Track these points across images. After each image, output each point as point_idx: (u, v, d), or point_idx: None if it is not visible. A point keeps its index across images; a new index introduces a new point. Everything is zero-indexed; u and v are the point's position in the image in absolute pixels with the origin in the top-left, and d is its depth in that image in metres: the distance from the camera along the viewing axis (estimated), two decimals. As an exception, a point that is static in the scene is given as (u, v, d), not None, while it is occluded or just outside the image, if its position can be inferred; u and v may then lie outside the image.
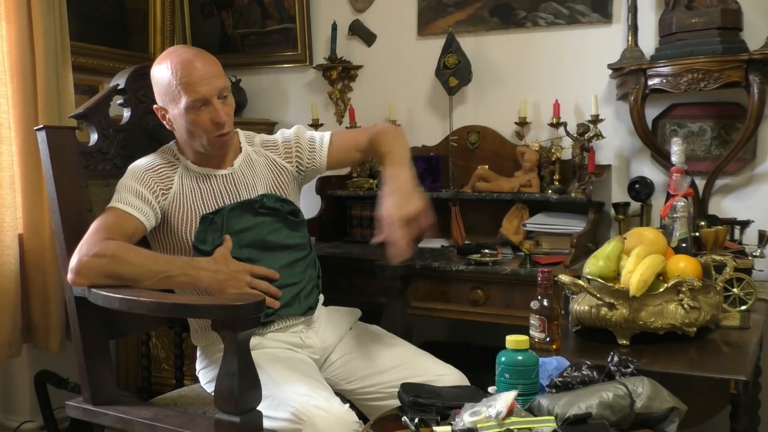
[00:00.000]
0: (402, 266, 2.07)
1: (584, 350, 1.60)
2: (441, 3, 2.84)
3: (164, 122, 1.77)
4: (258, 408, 1.45)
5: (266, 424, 1.52)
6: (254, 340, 1.72)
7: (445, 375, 1.72)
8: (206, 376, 1.80)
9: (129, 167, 1.76)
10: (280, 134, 1.93)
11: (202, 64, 1.68)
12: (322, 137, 1.92)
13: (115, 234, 1.62)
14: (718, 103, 2.45)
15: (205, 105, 1.68)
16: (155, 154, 1.81)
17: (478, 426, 1.13)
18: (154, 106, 1.76)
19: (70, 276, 1.58)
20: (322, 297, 1.97)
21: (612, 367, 1.33)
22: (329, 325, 1.87)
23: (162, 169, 1.75)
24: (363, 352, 1.82)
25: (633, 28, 2.48)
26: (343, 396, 1.78)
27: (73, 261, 1.57)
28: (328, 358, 1.84)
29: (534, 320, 1.58)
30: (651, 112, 2.50)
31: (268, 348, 1.75)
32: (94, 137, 1.80)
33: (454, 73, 2.66)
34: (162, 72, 1.70)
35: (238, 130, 1.90)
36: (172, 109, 1.71)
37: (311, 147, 1.90)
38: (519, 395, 1.20)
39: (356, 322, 1.95)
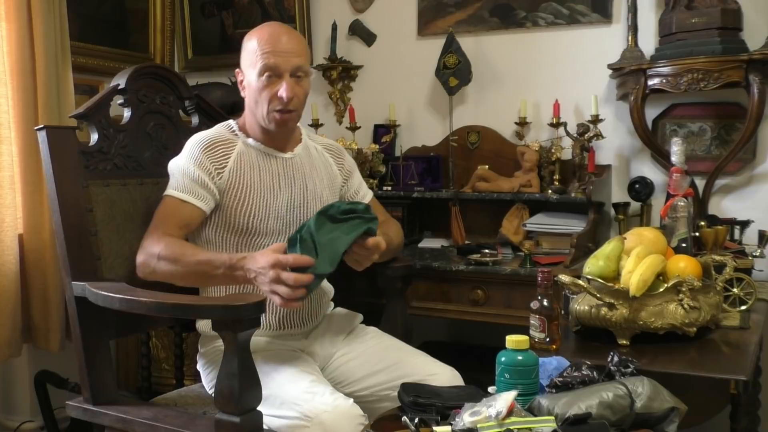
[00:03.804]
0: (402, 266, 2.07)
1: (584, 350, 1.60)
2: (441, 3, 2.84)
3: (240, 87, 1.81)
4: (260, 407, 1.45)
5: (272, 423, 1.52)
6: (255, 345, 1.73)
7: (436, 374, 1.72)
8: (208, 376, 1.80)
9: (186, 145, 1.76)
10: (345, 152, 2.01)
11: (288, 40, 1.73)
12: (366, 193, 2.02)
13: (171, 226, 1.67)
14: (718, 103, 2.45)
15: (277, 77, 1.71)
16: (213, 129, 1.81)
17: (478, 426, 1.13)
18: (236, 69, 1.82)
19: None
20: (332, 304, 1.97)
21: (612, 367, 1.33)
22: (330, 331, 1.87)
23: (218, 147, 1.75)
24: (357, 355, 1.82)
25: (633, 28, 2.48)
26: (343, 398, 1.78)
27: (137, 258, 1.65)
28: (328, 361, 1.84)
29: (534, 320, 1.58)
30: (651, 112, 2.50)
31: (270, 349, 1.75)
32: (94, 137, 1.80)
33: (454, 73, 2.66)
34: (251, 37, 1.76)
35: (303, 128, 1.93)
36: (248, 74, 1.75)
37: (357, 188, 1.99)
38: (519, 395, 1.20)
39: (356, 326, 1.95)
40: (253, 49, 1.73)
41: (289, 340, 1.79)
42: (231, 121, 1.84)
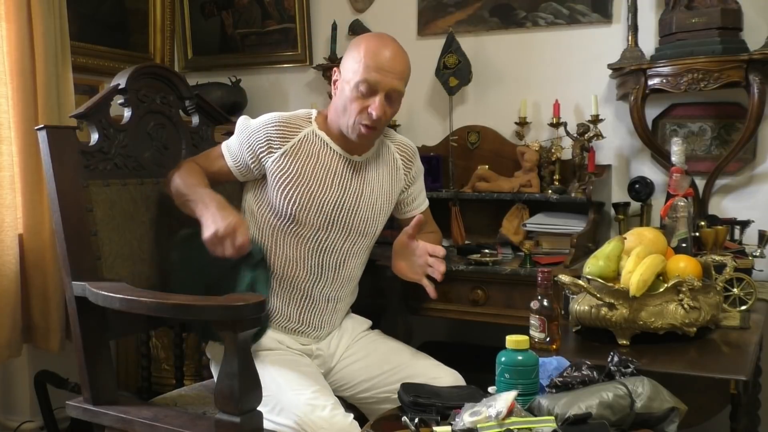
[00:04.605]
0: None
1: (584, 350, 1.60)
2: (441, 3, 2.84)
3: (332, 85, 1.81)
4: (259, 409, 1.44)
5: (268, 426, 1.52)
6: (267, 342, 1.73)
7: (439, 378, 1.72)
8: (214, 368, 1.80)
9: (262, 116, 1.80)
10: (417, 155, 1.99)
11: (394, 59, 1.72)
12: (422, 202, 2.01)
13: (203, 163, 1.83)
14: (718, 103, 2.45)
15: (371, 93, 1.70)
16: (291, 112, 1.83)
17: (478, 426, 1.13)
18: (335, 67, 1.82)
19: None
20: (350, 310, 1.97)
21: (612, 367, 1.33)
22: (339, 335, 1.87)
23: (282, 128, 1.76)
24: (359, 357, 1.82)
25: (633, 28, 2.48)
26: (345, 401, 1.78)
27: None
28: (331, 366, 1.84)
29: (534, 320, 1.58)
30: (651, 112, 2.50)
31: (279, 351, 1.75)
32: (94, 137, 1.80)
33: (454, 73, 2.66)
34: (360, 44, 1.74)
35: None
36: (345, 78, 1.74)
37: (415, 196, 1.98)
38: (519, 395, 1.20)
39: (363, 331, 1.94)
40: (358, 57, 1.71)
41: (302, 340, 1.79)
42: (313, 110, 1.85)
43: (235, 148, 1.79)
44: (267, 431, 1.51)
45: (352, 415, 1.58)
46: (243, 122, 1.81)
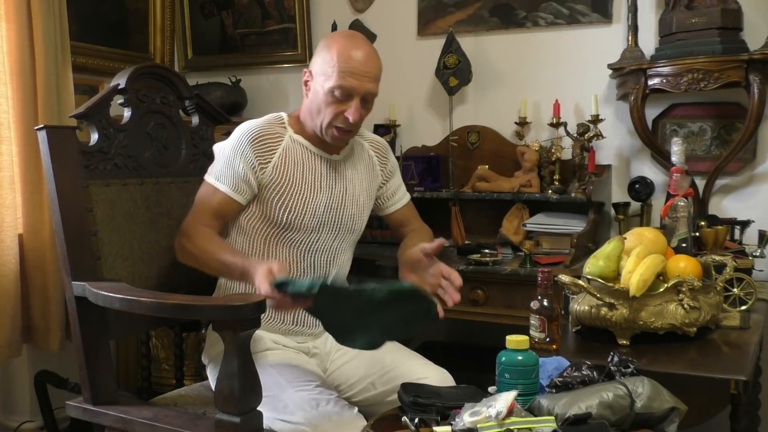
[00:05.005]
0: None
1: (584, 350, 1.60)
2: (441, 3, 2.84)
3: (303, 85, 1.78)
4: (264, 410, 1.45)
5: (275, 425, 1.52)
6: (264, 342, 1.73)
7: (426, 377, 1.70)
8: (212, 372, 1.80)
9: (234, 132, 1.75)
10: (390, 151, 1.98)
11: (367, 62, 1.69)
12: (402, 196, 1.98)
13: (207, 216, 1.71)
14: (718, 103, 2.45)
15: (346, 98, 1.68)
16: (263, 119, 1.78)
17: (478, 426, 1.13)
18: (305, 68, 1.78)
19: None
20: None
21: (612, 367, 1.33)
22: None
23: (266, 140, 1.73)
24: (350, 358, 1.82)
25: (633, 28, 2.48)
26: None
27: (175, 241, 1.73)
28: (326, 367, 1.84)
29: (534, 320, 1.58)
30: (651, 112, 2.50)
31: (278, 348, 1.75)
32: (94, 137, 1.80)
33: (454, 73, 2.66)
34: (331, 45, 1.70)
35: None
36: (318, 81, 1.71)
37: (395, 190, 1.96)
38: (519, 395, 1.20)
39: None
40: (330, 60, 1.67)
41: (298, 338, 1.79)
42: (283, 114, 1.82)
43: (226, 174, 1.71)
44: (268, 431, 1.51)
45: (356, 408, 1.59)
46: (221, 147, 1.76)
